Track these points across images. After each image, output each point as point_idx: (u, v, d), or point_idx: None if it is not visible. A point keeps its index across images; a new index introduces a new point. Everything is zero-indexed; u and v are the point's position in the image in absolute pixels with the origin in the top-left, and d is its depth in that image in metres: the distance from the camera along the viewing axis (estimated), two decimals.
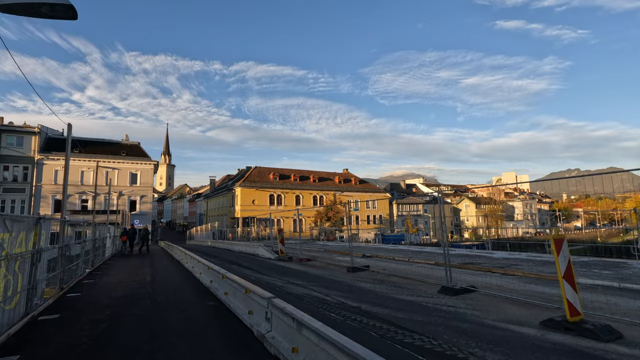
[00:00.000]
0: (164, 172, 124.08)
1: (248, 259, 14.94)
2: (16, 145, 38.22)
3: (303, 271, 10.56)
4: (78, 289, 7.90)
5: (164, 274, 10.22)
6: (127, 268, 11.78)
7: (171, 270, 10.88)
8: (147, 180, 44.80)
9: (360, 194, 65.73)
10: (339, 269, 10.85)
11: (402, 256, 14.17)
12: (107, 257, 16.19)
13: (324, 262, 12.58)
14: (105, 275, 10.18)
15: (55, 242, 7.56)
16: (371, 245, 21.39)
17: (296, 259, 13.18)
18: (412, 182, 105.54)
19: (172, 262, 13.98)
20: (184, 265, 11.82)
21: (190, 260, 10.43)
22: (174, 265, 12.59)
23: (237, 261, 13.92)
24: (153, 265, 12.57)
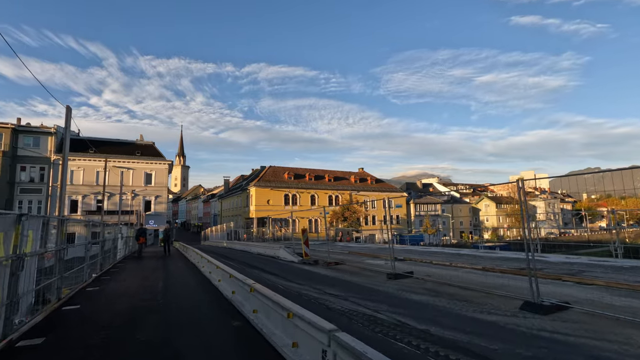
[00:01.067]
0: (179, 173, 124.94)
1: (268, 262, 13.66)
2: (33, 146, 38.21)
3: (335, 278, 9.18)
4: (78, 299, 6.72)
5: (178, 280, 9.01)
6: (138, 272, 10.68)
7: (186, 276, 9.67)
8: (162, 180, 44.30)
9: (376, 194, 64.00)
10: (376, 275, 9.43)
11: (440, 259, 12.63)
12: (118, 259, 15.20)
13: (354, 266, 11.17)
14: (113, 281, 9.03)
15: (60, 244, 6.43)
16: (397, 247, 19.86)
17: (322, 263, 11.81)
18: (428, 182, 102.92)
19: (187, 265, 12.83)
20: (199, 269, 10.60)
21: (207, 264, 9.18)
22: (189, 269, 11.41)
23: (256, 264, 12.65)
24: (166, 269, 11.42)
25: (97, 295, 7.19)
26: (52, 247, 6.47)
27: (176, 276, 9.66)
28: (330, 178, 60.48)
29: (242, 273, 7.30)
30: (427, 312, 5.60)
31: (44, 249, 5.66)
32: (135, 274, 10.36)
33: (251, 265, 12.66)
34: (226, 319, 5.13)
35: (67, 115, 8.11)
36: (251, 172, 65.89)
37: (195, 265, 11.90)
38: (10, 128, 36.46)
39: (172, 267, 11.89)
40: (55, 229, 10.89)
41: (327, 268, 11.04)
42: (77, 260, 8.19)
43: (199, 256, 11.03)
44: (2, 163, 35.20)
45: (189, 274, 10.02)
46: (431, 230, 63.93)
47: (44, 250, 5.61)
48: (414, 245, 41.99)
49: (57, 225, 6.53)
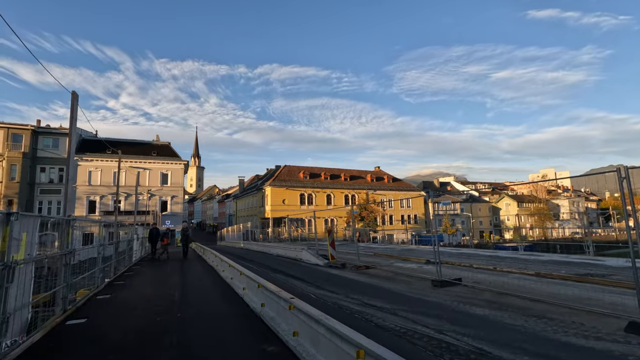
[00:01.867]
0: (194, 174, 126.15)
1: (291, 264, 12.72)
2: (52, 147, 38.57)
3: (371, 285, 8.14)
4: (86, 310, 5.91)
5: (197, 288, 8.13)
6: (153, 277, 9.91)
7: (205, 282, 8.81)
8: (178, 181, 44.15)
9: (394, 193, 62.58)
10: (417, 282, 8.34)
11: (479, 262, 11.43)
12: (134, 261, 14.55)
13: (387, 270, 10.10)
14: (127, 287, 8.24)
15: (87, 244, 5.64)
16: (427, 248, 18.63)
17: (351, 267, 10.78)
18: (446, 180, 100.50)
19: (205, 268, 12.01)
20: (219, 273, 9.73)
21: (228, 269, 8.29)
22: (207, 273, 10.56)
23: (279, 268, 11.73)
24: (183, 274, 10.61)
25: (108, 305, 6.36)
26: (64, 250, 5.68)
27: (194, 283, 8.80)
28: (346, 177, 59.36)
29: (265, 277, 6.36)
30: (504, 334, 4.50)
31: (43, 254, 4.84)
32: (151, 279, 9.58)
33: (273, 268, 11.74)
34: (257, 341, 4.17)
35: (73, 102, 7.37)
36: (266, 172, 65.40)
37: (214, 269, 11.05)
38: (30, 130, 36.85)
39: (189, 272, 11.05)
40: (76, 229, 10.26)
41: (357, 272, 10.01)
42: (92, 262, 7.43)
43: (219, 259, 10.17)
44: (22, 164, 35.57)
45: (208, 280, 9.14)
46: (451, 230, 62.01)
47: (37, 257, 4.79)
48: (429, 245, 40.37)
49: (61, 226, 5.73)
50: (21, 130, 36.50)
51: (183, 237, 16.63)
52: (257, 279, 5.50)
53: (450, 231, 61.44)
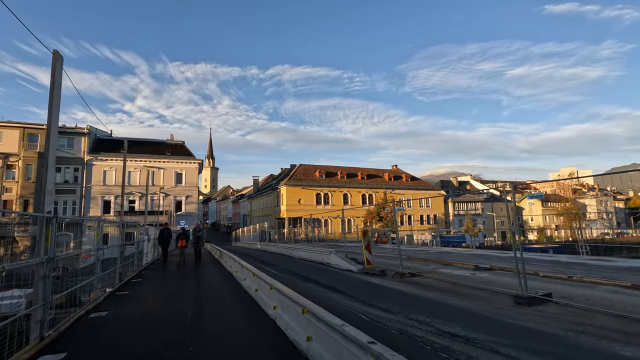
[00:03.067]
0: (208, 174, 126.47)
1: (320, 271, 11.15)
2: (67, 147, 38.21)
3: (431, 300, 6.48)
4: (69, 339, 4.46)
5: (214, 302, 6.62)
6: (163, 287, 8.49)
7: (224, 296, 7.30)
8: (192, 180, 43.30)
9: (412, 192, 60.41)
10: (488, 296, 6.63)
11: (545, 270, 9.59)
12: (145, 264, 13.27)
13: (438, 280, 8.42)
14: (130, 300, 6.83)
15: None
16: (465, 251, 16.77)
17: (393, 274, 9.13)
18: (464, 179, 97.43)
19: (223, 275, 10.55)
20: (240, 283, 8.23)
21: (251, 278, 6.77)
22: (225, 281, 9.09)
23: (307, 275, 10.18)
24: (198, 282, 9.15)
25: (101, 328, 4.92)
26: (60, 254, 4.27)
27: (211, 295, 7.29)
28: (363, 176, 57.58)
29: (295, 289, 4.82)
30: None
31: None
32: (160, 289, 8.15)
33: (300, 275, 10.20)
34: None
35: (55, 64, 6.01)
36: (281, 172, 64.22)
37: (232, 276, 9.57)
38: (45, 129, 36.45)
39: (204, 280, 9.54)
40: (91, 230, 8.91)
41: (402, 282, 8.36)
42: (89, 270, 6.06)
43: (238, 264, 8.67)
44: (38, 164, 35.24)
45: (227, 292, 7.62)
46: (473, 231, 59.45)
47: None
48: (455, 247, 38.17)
49: (39, 227, 4.32)
50: (37, 130, 36.24)
51: (195, 238, 14.52)
52: (298, 299, 3.94)
53: (473, 232, 58.88)
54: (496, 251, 17.00)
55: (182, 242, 13.39)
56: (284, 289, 4.68)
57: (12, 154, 34.80)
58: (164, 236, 13.78)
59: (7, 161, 34.75)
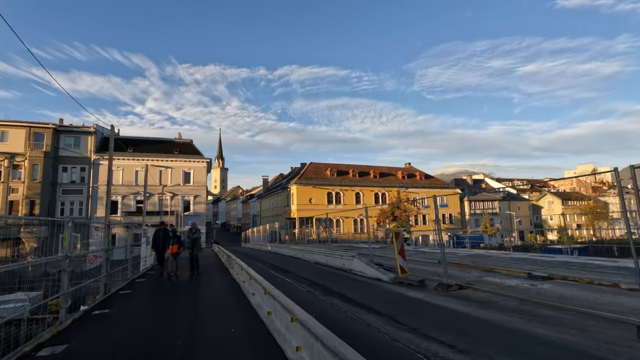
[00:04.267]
0: (218, 175, 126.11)
1: (342, 280, 9.51)
2: (74, 146, 37.46)
3: (498, 325, 4.80)
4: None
5: (212, 327, 5.02)
6: (152, 303, 6.88)
7: (226, 315, 5.72)
8: (201, 180, 42.16)
9: (427, 190, 58.24)
10: (578, 319, 4.90)
11: (619, 278, 7.78)
12: (142, 271, 11.77)
13: (495, 294, 6.70)
14: (106, 323, 5.26)
15: None
16: (500, 254, 14.93)
17: (435, 285, 7.44)
18: (478, 178, 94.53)
19: (230, 287, 8.73)
20: (248, 298, 6.64)
21: (264, 298, 5.14)
22: (232, 295, 7.46)
23: (328, 285, 8.55)
24: (196, 297, 7.43)
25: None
26: None
27: (210, 318, 5.61)
28: (375, 174, 55.71)
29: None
30: None
31: None
32: (147, 307, 6.48)
33: (318, 284, 8.59)
34: None
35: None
36: (290, 170, 62.81)
37: (240, 288, 7.92)
38: (51, 128, 35.81)
39: (205, 293, 7.56)
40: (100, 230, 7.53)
41: (450, 297, 6.67)
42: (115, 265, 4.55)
43: (246, 274, 7.07)
44: (44, 164, 34.51)
45: (231, 310, 5.97)
46: (492, 231, 57.01)
47: None
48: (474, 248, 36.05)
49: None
50: (43, 129, 35.51)
51: (190, 241, 11.21)
52: (335, 345, 2.32)
53: (491, 231, 56.46)
54: (535, 254, 15.09)
55: (173, 247, 10.75)
56: (310, 323, 3.05)
57: (18, 153, 34.11)
58: (160, 239, 11.03)
59: (13, 161, 34.07)
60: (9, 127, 34.40)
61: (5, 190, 33.55)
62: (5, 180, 33.58)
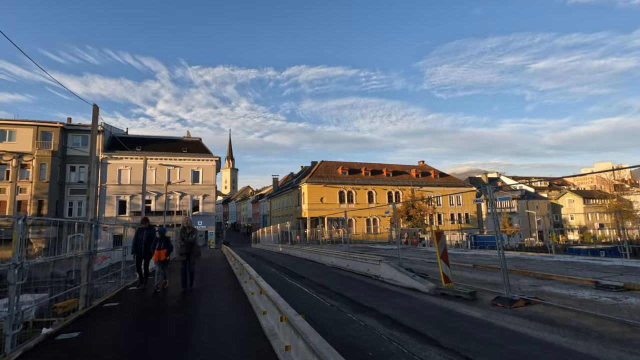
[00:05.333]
0: (228, 175, 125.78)
1: (368, 289, 8.03)
2: (81, 145, 36.85)
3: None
4: None
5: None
6: (135, 327, 5.37)
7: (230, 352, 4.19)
8: (210, 179, 41.14)
9: (442, 189, 56.26)
10: None
11: None
12: (135, 279, 10.22)
13: (574, 312, 5.14)
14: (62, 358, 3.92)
15: None
16: (535, 256, 13.22)
17: (493, 299, 5.90)
18: (493, 176, 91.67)
19: (243, 312, 5.85)
20: (258, 318, 5.20)
21: (282, 326, 3.71)
22: (243, 314, 5.95)
23: (353, 296, 7.09)
24: (192, 332, 4.81)
25: None
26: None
27: (204, 353, 4.08)
28: (388, 172, 53.97)
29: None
30: None
31: None
32: (128, 333, 4.93)
33: (343, 296, 7.13)
34: None
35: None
36: (301, 170, 61.49)
37: (254, 314, 5.61)
38: (59, 127, 35.23)
39: (203, 327, 5.07)
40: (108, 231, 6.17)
41: (519, 315, 5.14)
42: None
43: (256, 284, 5.63)
44: (52, 163, 33.93)
45: (238, 341, 4.40)
46: (511, 230, 54.66)
47: None
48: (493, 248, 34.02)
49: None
50: (50, 128, 34.95)
51: (183, 246, 8.21)
52: None
53: (511, 231, 54.11)
54: (585, 257, 13.30)
55: (161, 253, 8.11)
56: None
57: (26, 153, 33.59)
58: (141, 241, 8.35)
59: (21, 160, 33.56)
60: (16, 126, 33.93)
61: (13, 190, 33.06)
62: (13, 180, 33.09)
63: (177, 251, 8.39)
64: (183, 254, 8.14)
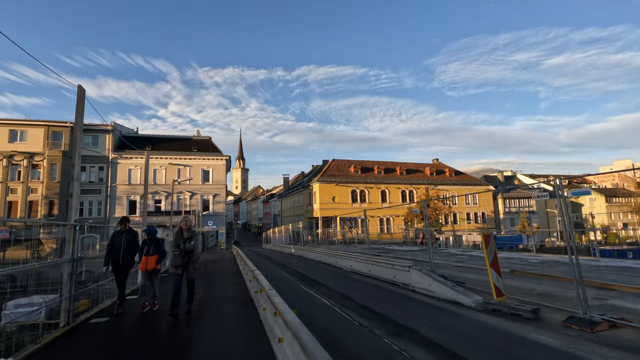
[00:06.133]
0: (239, 176, 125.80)
1: (404, 303, 6.89)
2: (92, 145, 36.59)
3: None
4: None
5: None
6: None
7: None
8: (220, 178, 40.46)
9: (457, 188, 54.47)
10: None
11: None
12: (136, 285, 9.34)
13: None
14: None
15: None
16: (603, 262, 11.83)
17: (566, 320, 4.71)
18: (508, 174, 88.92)
19: (254, 333, 4.66)
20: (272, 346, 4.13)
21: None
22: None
23: (382, 311, 5.98)
24: None
25: None
26: None
27: None
28: (402, 171, 52.44)
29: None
30: None
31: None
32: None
33: (377, 314, 6.02)
34: None
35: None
36: (312, 169, 60.46)
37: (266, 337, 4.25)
38: (70, 127, 34.99)
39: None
40: None
41: (607, 344, 3.95)
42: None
43: (269, 302, 4.55)
44: (62, 163, 33.71)
45: None
46: (531, 230, 52.45)
47: None
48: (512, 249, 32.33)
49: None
50: (61, 127, 34.76)
51: (179, 253, 5.99)
52: None
53: (531, 231, 51.97)
54: (633, 262, 11.86)
55: (149, 260, 6.16)
56: None
57: (37, 153, 33.45)
58: (119, 248, 6.12)
59: (32, 160, 33.44)
60: (27, 126, 33.83)
61: (24, 191, 32.95)
62: (24, 180, 32.99)
63: (170, 263, 6.04)
64: (178, 266, 5.84)
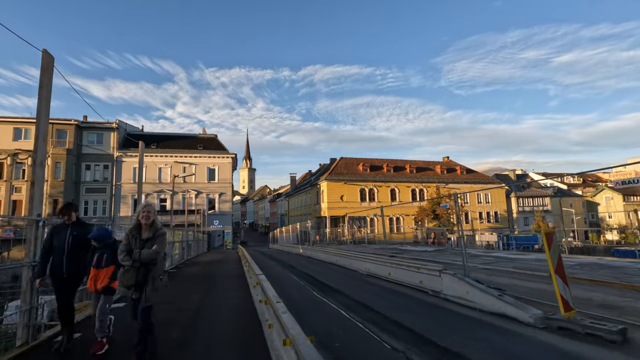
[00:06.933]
0: (246, 175, 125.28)
1: (441, 316, 5.75)
2: (96, 143, 36.05)
3: None
4: None
5: None
6: None
7: None
8: (226, 176, 39.63)
9: (469, 186, 52.85)
10: None
11: None
12: None
13: None
14: None
15: None
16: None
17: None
18: (521, 173, 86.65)
19: None
20: None
21: None
22: None
23: (425, 332, 4.86)
24: None
25: None
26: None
27: None
28: (412, 169, 51.02)
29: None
30: None
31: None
32: None
33: (409, 330, 4.92)
34: None
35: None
36: (319, 167, 59.36)
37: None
38: (74, 125, 34.50)
39: None
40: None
41: None
42: None
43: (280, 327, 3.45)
44: (67, 161, 33.18)
45: None
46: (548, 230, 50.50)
47: None
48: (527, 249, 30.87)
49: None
50: (65, 125, 34.25)
51: (131, 266, 3.45)
52: None
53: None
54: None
55: (99, 274, 3.83)
56: None
57: None
58: (60, 251, 3.93)
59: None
60: (31, 124, 33.33)
61: (29, 189, 32.47)
62: (29, 179, 32.51)
63: (119, 279, 3.64)
64: (130, 287, 3.46)
